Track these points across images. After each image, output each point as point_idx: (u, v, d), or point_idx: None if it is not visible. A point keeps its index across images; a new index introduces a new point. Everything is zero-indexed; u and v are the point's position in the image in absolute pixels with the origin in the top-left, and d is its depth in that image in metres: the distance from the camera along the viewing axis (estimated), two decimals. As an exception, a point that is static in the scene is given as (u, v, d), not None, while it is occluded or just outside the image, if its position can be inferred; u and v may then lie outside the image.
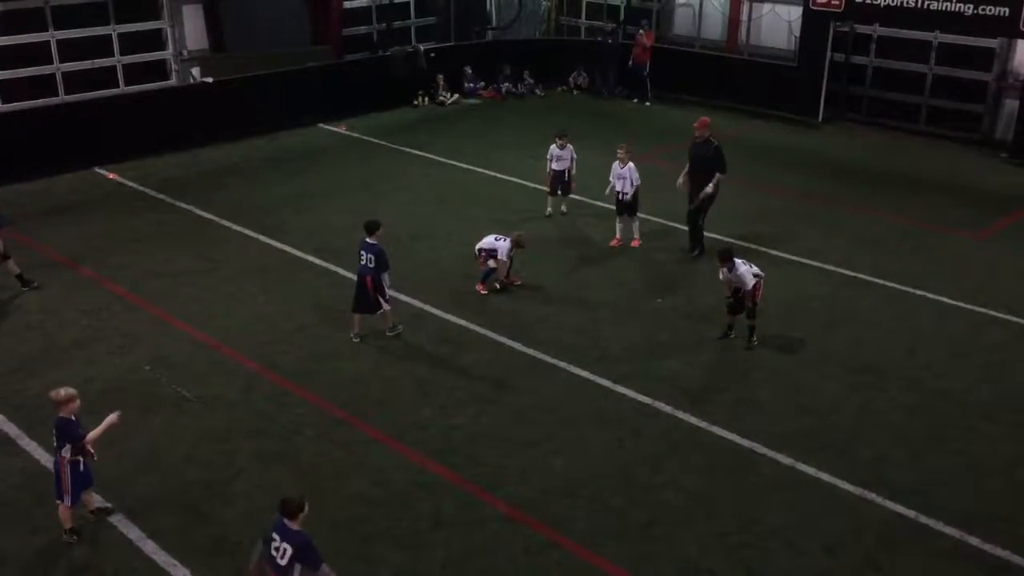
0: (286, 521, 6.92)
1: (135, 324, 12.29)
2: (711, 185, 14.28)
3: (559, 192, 16.10)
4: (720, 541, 8.56)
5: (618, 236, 15.11)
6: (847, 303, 13.31)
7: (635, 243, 15.09)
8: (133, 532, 8.50)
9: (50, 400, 8.27)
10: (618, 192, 14.91)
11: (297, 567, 6.87)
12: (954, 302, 13.25)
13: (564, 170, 15.94)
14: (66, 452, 8.20)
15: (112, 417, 8.40)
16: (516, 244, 13.18)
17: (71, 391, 8.28)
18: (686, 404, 10.65)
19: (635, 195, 14.86)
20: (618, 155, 14.88)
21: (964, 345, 12.16)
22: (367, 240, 11.65)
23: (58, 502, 8.36)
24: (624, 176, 14.79)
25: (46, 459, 9.46)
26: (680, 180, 14.77)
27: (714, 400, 10.78)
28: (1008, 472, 9.63)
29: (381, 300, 11.81)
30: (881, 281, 13.91)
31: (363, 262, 11.69)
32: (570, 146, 15.95)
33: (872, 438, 10.15)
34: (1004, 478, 9.54)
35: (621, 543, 8.51)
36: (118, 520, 8.66)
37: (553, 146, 15.94)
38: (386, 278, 11.82)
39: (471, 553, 8.34)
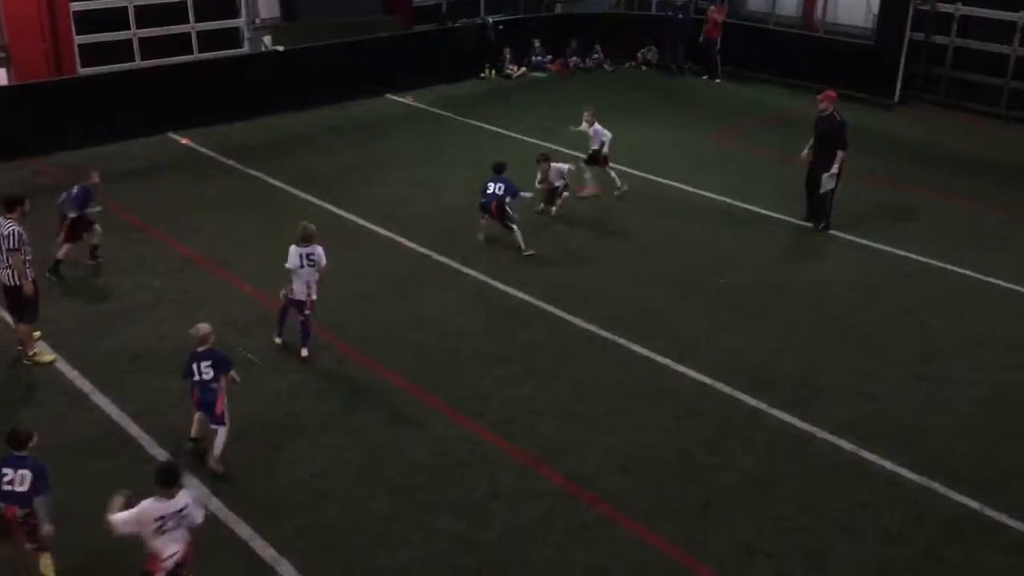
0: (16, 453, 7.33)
1: (204, 287, 12.57)
2: (835, 165, 14.16)
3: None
4: (777, 524, 8.49)
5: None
6: (917, 290, 13.02)
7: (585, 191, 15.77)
8: (200, 489, 8.72)
9: (195, 336, 9.02)
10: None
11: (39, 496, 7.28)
12: (1028, 291, 12.90)
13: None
14: (223, 382, 8.95)
15: None
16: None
17: (208, 325, 9.14)
18: (746, 385, 10.55)
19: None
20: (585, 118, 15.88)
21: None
22: (498, 176, 13.58)
23: (219, 428, 8.98)
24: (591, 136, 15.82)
25: (117, 414, 9.78)
26: (804, 153, 14.73)
27: (775, 382, 10.66)
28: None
29: (508, 223, 13.52)
30: (954, 268, 13.57)
31: (490, 191, 13.49)
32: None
33: (938, 428, 9.95)
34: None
35: (676, 522, 8.49)
36: (185, 476, 8.87)
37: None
38: (510, 206, 13.53)
39: (527, 525, 8.40)
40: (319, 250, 10.75)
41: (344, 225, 14.68)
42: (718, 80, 23.77)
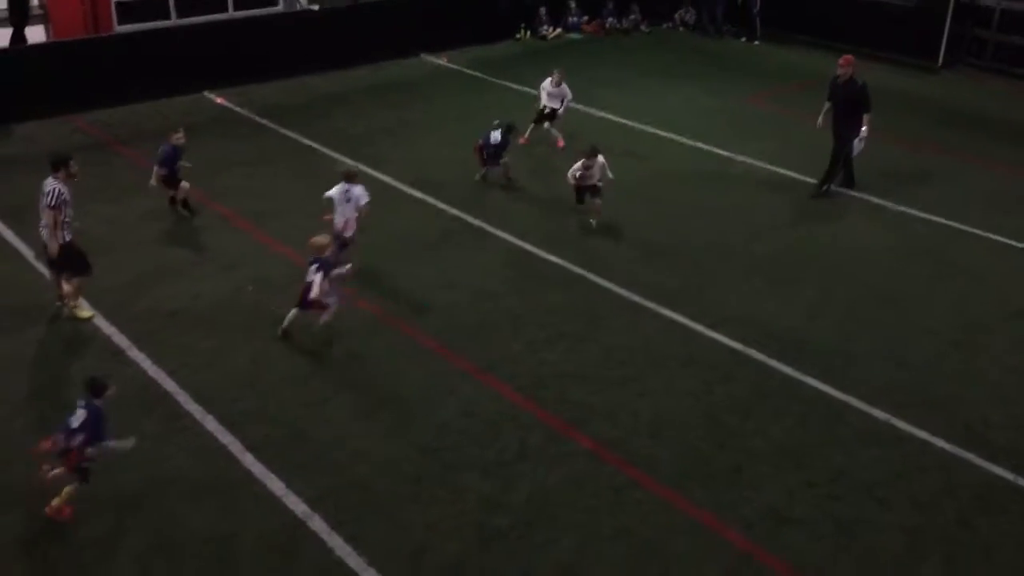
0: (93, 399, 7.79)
1: (239, 246, 12.66)
2: (865, 128, 14.00)
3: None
4: (808, 491, 8.45)
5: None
6: (956, 257, 12.83)
7: (560, 143, 16.06)
8: (234, 445, 8.86)
9: (312, 246, 10.35)
10: (545, 106, 16.15)
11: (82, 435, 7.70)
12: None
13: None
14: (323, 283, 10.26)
15: None
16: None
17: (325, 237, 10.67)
18: (779, 352, 10.48)
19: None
20: (552, 78, 16.07)
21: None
22: (502, 134, 14.28)
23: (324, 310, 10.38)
24: (555, 94, 16.06)
25: (153, 371, 9.92)
26: (820, 120, 14.48)
27: (809, 350, 10.57)
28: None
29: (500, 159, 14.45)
30: (994, 236, 13.34)
31: (492, 140, 14.31)
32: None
33: (973, 397, 9.83)
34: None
35: (706, 487, 8.49)
36: (219, 431, 9.02)
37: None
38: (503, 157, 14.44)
39: (556, 487, 8.44)
40: (356, 190, 11.58)
41: (377, 186, 14.66)
42: (757, 42, 23.40)
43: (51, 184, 10.31)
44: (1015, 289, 11.99)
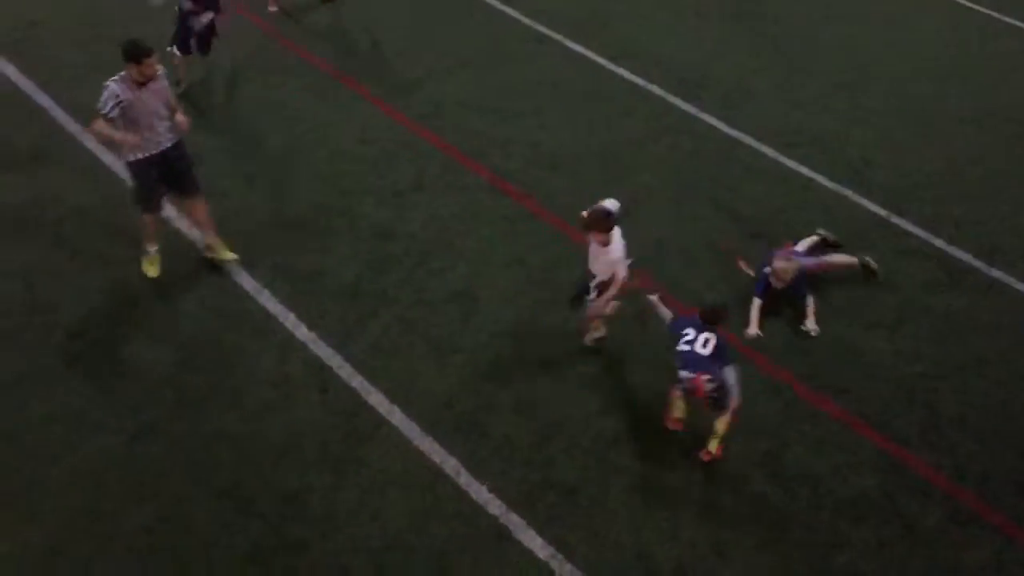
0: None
1: None
2: None
3: None
4: (695, 223, 8.72)
5: None
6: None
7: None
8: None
9: None
10: None
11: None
12: (970, 5, 12.72)
13: None
14: None
15: None
16: None
17: None
18: (680, 89, 10.50)
19: None
20: None
21: (972, 51, 11.83)
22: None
23: None
24: None
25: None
26: None
27: (707, 88, 10.60)
28: (974, 169, 9.74)
29: None
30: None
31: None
32: None
33: (858, 139, 10.12)
34: (979, 179, 9.65)
35: (598, 217, 8.65)
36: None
37: None
38: None
39: (451, 215, 8.51)
40: None
41: None
42: None
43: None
44: (902, 34, 12.06)
